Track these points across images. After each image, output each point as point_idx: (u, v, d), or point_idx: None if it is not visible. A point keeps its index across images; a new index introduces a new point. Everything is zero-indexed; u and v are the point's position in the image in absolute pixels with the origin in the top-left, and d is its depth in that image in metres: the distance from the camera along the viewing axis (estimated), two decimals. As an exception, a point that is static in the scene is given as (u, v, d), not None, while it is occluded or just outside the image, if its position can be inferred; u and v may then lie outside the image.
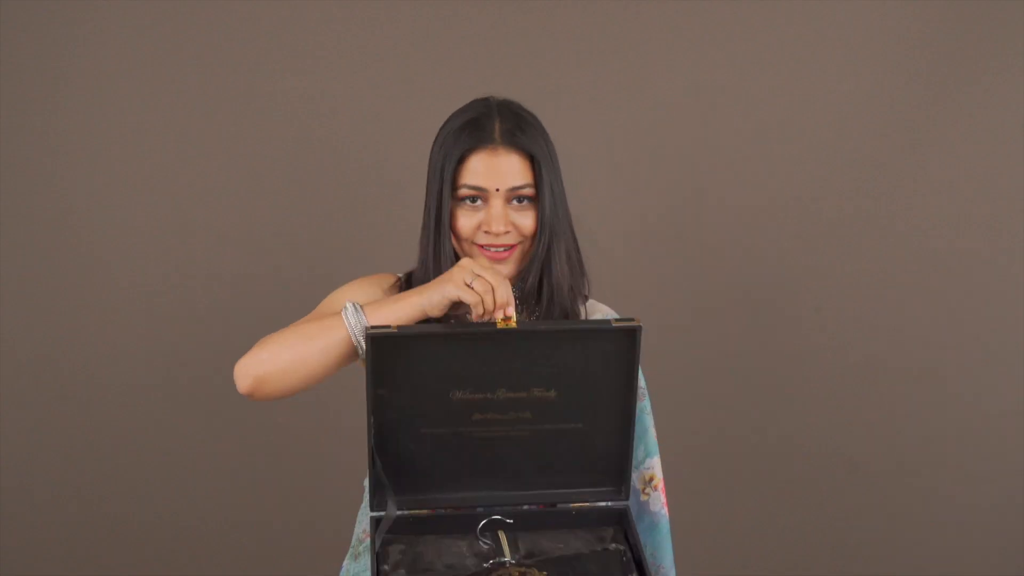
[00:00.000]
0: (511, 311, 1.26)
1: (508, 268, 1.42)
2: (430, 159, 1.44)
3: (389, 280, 1.51)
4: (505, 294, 1.26)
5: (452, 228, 1.42)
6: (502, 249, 1.41)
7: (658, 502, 1.49)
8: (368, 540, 1.47)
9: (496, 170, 1.38)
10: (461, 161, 1.39)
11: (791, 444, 2.61)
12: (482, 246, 1.41)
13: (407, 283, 1.48)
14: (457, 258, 1.42)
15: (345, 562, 1.54)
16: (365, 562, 1.47)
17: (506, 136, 1.39)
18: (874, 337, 2.58)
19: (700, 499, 2.57)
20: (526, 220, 1.40)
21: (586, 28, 2.38)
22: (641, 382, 1.56)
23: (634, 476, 1.51)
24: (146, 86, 2.32)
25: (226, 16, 2.30)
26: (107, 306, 2.42)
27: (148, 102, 2.33)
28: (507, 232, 1.39)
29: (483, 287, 1.26)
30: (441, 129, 1.44)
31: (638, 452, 1.56)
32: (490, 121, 1.40)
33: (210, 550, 2.53)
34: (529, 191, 1.40)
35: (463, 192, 1.39)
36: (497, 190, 1.38)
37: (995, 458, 2.65)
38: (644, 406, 1.54)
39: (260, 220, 2.40)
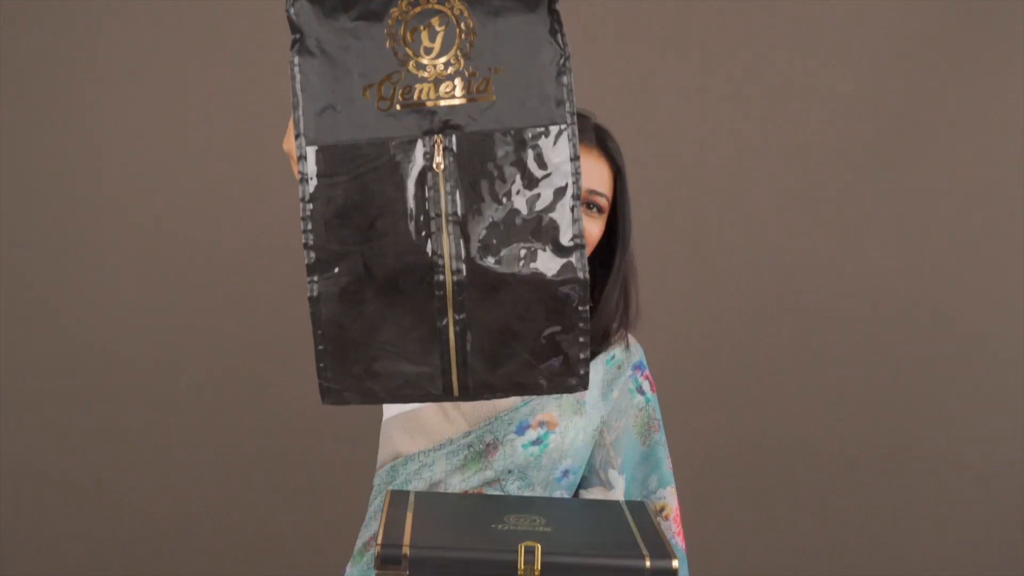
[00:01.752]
0: None
1: None
2: None
3: None
4: None
5: None
6: None
7: (669, 531, 1.49)
8: (373, 550, 1.48)
9: (585, 167, 1.35)
10: None
11: (791, 444, 2.60)
12: None
13: None
14: None
15: (348, 567, 1.53)
16: (370, 567, 1.47)
17: (600, 139, 1.40)
18: (875, 337, 2.58)
19: (700, 499, 2.56)
20: (593, 227, 1.40)
21: (586, 28, 2.38)
22: (656, 414, 1.56)
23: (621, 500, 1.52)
24: (146, 86, 2.32)
25: (227, 16, 2.30)
26: (109, 306, 2.42)
27: (148, 102, 2.33)
28: None
29: None
30: None
31: (650, 482, 1.56)
32: (589, 126, 1.41)
33: (212, 555, 2.52)
34: (602, 201, 1.39)
35: None
36: None
37: (996, 458, 2.65)
38: (659, 438, 1.55)
39: (262, 220, 2.40)
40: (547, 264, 1.04)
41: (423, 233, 1.02)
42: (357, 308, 1.04)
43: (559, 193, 1.04)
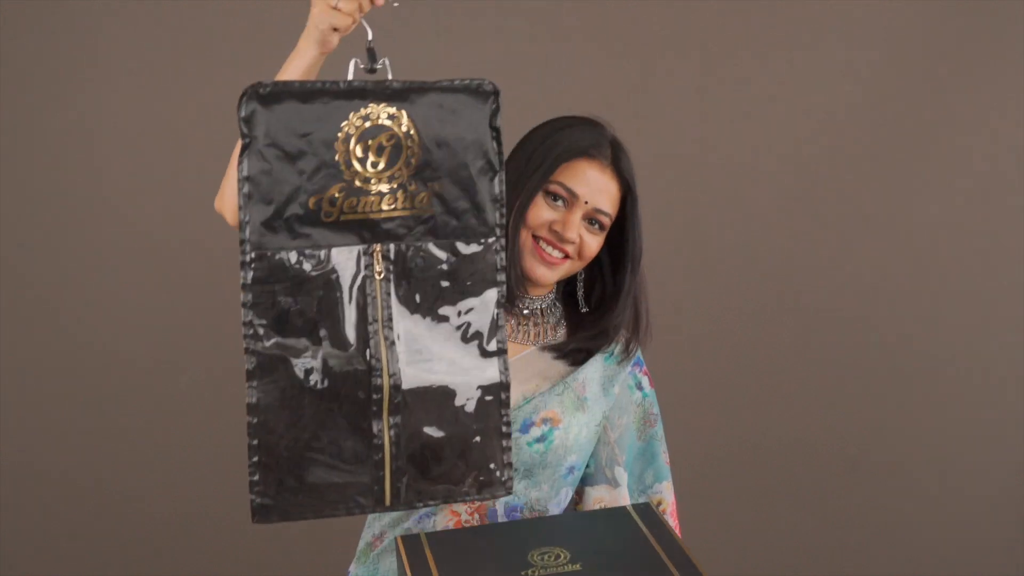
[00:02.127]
0: None
1: (554, 275, 1.44)
2: (528, 143, 1.46)
3: None
4: None
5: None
6: (560, 255, 1.43)
7: None
8: (379, 548, 1.48)
9: (595, 185, 1.42)
10: (569, 160, 1.42)
11: (791, 444, 2.61)
12: (540, 240, 1.43)
13: None
14: (516, 242, 1.44)
15: (352, 568, 1.53)
16: (375, 568, 1.47)
17: (616, 161, 1.44)
18: (874, 337, 2.58)
19: (700, 499, 2.57)
20: (594, 243, 1.44)
21: (586, 29, 2.39)
22: (654, 408, 1.58)
23: (641, 500, 1.52)
24: (147, 86, 2.32)
25: (227, 16, 2.30)
26: (109, 306, 2.42)
27: (149, 102, 2.33)
28: (574, 243, 1.42)
29: (350, 5, 1.19)
30: (550, 123, 1.47)
31: (646, 477, 1.57)
32: (604, 140, 1.44)
33: (212, 555, 2.52)
34: (605, 219, 1.43)
35: (554, 188, 1.41)
36: (586, 203, 1.41)
37: (996, 458, 2.65)
38: (656, 432, 1.56)
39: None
40: (474, 370, 1.11)
41: (362, 339, 1.08)
42: (295, 415, 1.08)
43: (486, 302, 1.12)
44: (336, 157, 1.07)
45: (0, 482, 2.47)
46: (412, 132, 1.09)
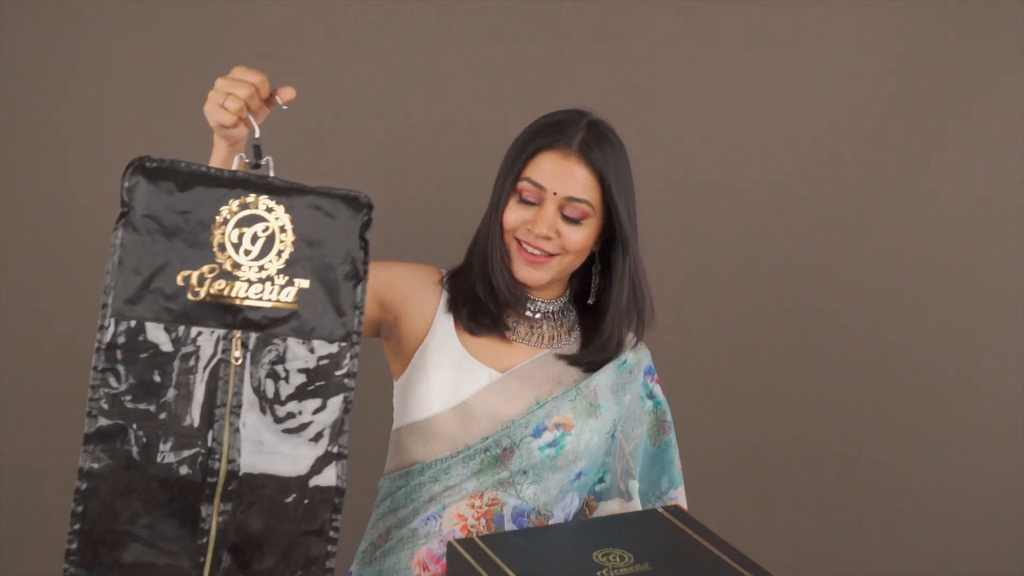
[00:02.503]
0: (288, 94, 1.25)
1: (543, 275, 1.44)
2: (510, 149, 1.46)
3: (433, 275, 1.53)
4: (250, 78, 1.24)
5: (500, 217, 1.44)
6: (539, 253, 1.42)
7: None
8: (384, 546, 1.48)
9: (560, 174, 1.39)
10: (532, 156, 1.41)
11: (791, 444, 2.61)
12: (521, 242, 1.42)
13: (451, 278, 1.50)
14: (501, 247, 1.44)
15: (353, 568, 1.53)
16: (380, 567, 1.48)
17: (583, 147, 1.40)
18: (875, 337, 2.58)
19: (700, 499, 2.56)
20: (575, 235, 1.42)
21: (587, 30, 2.38)
22: (667, 416, 1.58)
23: (658, 505, 1.52)
24: (147, 86, 2.32)
25: (228, 15, 2.30)
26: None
27: (150, 102, 2.33)
28: (549, 238, 1.41)
29: (235, 104, 1.21)
30: (530, 124, 1.46)
31: (661, 483, 1.58)
32: (574, 129, 1.42)
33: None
34: (585, 209, 1.40)
35: (522, 186, 1.41)
36: (555, 194, 1.39)
37: (996, 458, 2.65)
38: (670, 439, 1.57)
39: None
40: (312, 470, 1.12)
41: (206, 421, 1.08)
42: (125, 487, 1.07)
43: (335, 404, 1.13)
44: (211, 239, 1.10)
45: (0, 482, 2.47)
46: (287, 227, 1.12)
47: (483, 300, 1.46)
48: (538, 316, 1.50)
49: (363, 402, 1.32)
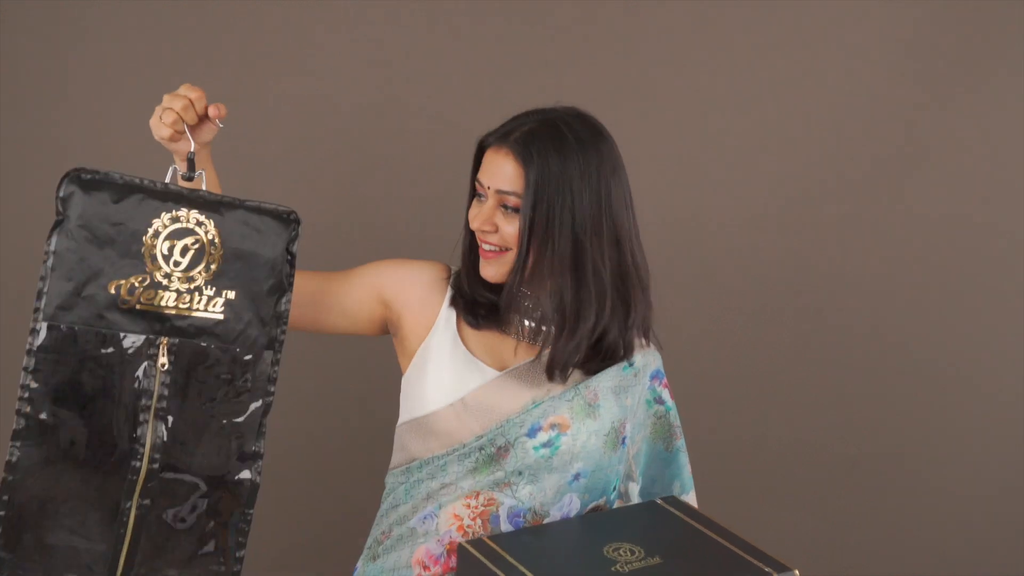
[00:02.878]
0: (217, 111, 1.31)
1: (497, 270, 1.45)
2: None
3: (441, 272, 1.55)
4: (188, 93, 1.30)
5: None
6: (489, 248, 1.44)
7: None
8: (386, 542, 1.48)
9: (492, 168, 1.42)
10: (482, 154, 1.47)
11: (791, 444, 2.61)
12: (479, 240, 1.45)
13: (457, 276, 1.54)
14: (472, 247, 1.49)
15: (359, 564, 1.53)
16: (382, 564, 1.48)
17: (515, 141, 1.41)
18: (875, 337, 2.58)
19: (700, 499, 2.56)
20: (508, 227, 1.42)
21: (587, 28, 2.38)
22: (677, 420, 1.59)
23: (655, 498, 1.53)
24: (148, 85, 2.32)
25: (228, 15, 2.30)
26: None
27: (149, 102, 2.33)
28: (488, 232, 1.43)
29: (169, 117, 1.29)
30: None
31: (673, 488, 1.58)
32: (517, 125, 1.43)
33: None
34: (514, 199, 1.41)
35: (476, 184, 1.45)
36: (488, 188, 1.41)
37: (996, 457, 2.65)
38: (681, 444, 1.58)
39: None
40: (228, 469, 1.20)
41: (131, 422, 1.14)
42: (52, 480, 1.13)
43: (256, 409, 1.21)
44: (142, 250, 1.15)
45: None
46: (216, 241, 1.18)
47: (478, 298, 1.49)
48: (538, 314, 1.50)
49: (373, 401, 1.32)
